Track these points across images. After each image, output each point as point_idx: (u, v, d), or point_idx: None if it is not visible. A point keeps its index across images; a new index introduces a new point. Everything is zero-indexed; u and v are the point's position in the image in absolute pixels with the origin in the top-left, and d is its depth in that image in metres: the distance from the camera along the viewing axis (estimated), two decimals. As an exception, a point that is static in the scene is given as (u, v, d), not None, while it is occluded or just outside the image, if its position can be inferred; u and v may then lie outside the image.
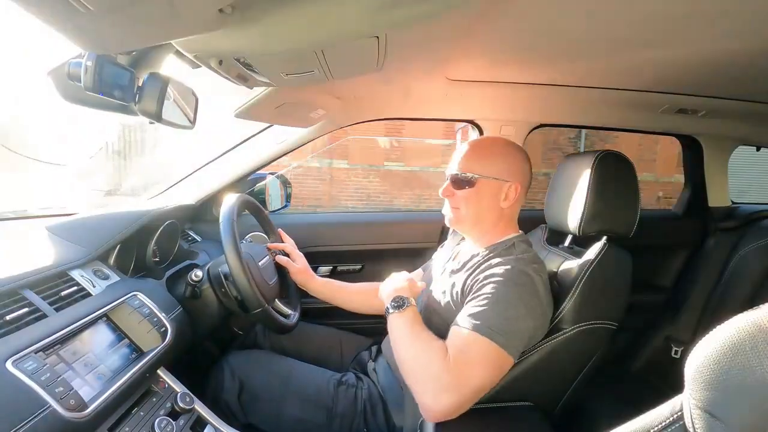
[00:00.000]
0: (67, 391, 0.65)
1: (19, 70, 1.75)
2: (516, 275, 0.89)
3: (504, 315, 0.85)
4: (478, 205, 1.01)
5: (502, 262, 0.93)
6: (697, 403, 0.41)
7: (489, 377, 0.85)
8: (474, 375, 0.83)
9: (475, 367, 0.83)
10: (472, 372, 0.83)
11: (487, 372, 0.84)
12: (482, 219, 1.03)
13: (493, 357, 0.84)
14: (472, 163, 1.02)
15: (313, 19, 0.67)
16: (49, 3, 0.45)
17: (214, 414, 0.94)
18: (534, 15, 0.83)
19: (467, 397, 0.83)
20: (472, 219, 1.03)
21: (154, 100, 0.83)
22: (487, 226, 1.04)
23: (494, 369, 0.85)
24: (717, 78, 1.18)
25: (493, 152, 1.04)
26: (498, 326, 0.84)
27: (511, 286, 0.88)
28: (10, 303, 0.72)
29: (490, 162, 1.02)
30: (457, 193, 1.03)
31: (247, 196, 1.21)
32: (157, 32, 0.61)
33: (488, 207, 1.02)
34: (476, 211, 1.02)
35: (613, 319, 0.97)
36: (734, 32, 0.84)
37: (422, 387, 0.84)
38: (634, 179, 1.05)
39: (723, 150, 1.86)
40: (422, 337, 0.90)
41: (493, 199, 1.01)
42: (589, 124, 1.74)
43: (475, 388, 0.83)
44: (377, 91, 1.45)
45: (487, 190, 1.01)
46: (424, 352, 0.87)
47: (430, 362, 0.84)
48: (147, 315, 0.91)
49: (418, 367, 0.86)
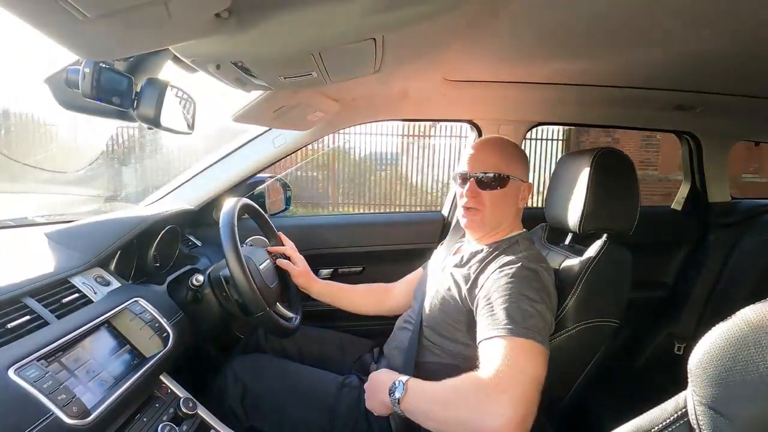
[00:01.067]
0: (69, 399, 0.65)
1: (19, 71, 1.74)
2: (527, 272, 0.89)
3: (526, 311, 0.83)
4: (503, 205, 1.01)
5: (509, 261, 0.93)
6: (701, 399, 0.41)
7: (534, 374, 0.78)
8: (520, 377, 0.76)
9: (518, 369, 0.77)
10: (516, 376, 0.76)
11: (528, 369, 0.78)
12: (504, 220, 1.03)
13: (531, 353, 0.80)
14: (500, 162, 1.01)
15: (310, 23, 0.67)
16: (45, 12, 0.44)
17: (217, 419, 0.94)
18: (529, 15, 0.83)
19: (525, 402, 0.74)
20: (497, 220, 1.02)
21: (153, 106, 0.83)
22: (501, 225, 1.04)
23: (536, 364, 0.79)
24: (714, 74, 1.19)
25: (515, 153, 1.06)
26: (526, 323, 0.81)
27: (523, 284, 0.88)
28: (12, 311, 0.72)
29: (515, 162, 1.03)
30: (482, 194, 1.01)
31: (247, 200, 1.21)
32: (154, 38, 0.61)
33: (509, 207, 1.03)
34: (501, 212, 1.02)
35: (615, 317, 0.97)
36: (731, 29, 0.84)
37: (476, 423, 0.75)
38: (633, 176, 1.06)
39: (722, 146, 1.86)
40: (438, 388, 0.84)
41: (515, 200, 1.03)
42: (587, 123, 1.74)
43: (526, 390, 0.75)
44: (375, 92, 1.45)
45: (513, 191, 1.02)
46: (454, 394, 0.80)
47: (467, 395, 0.78)
48: (148, 321, 0.91)
49: (461, 409, 0.78)
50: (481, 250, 1.02)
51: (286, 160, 1.69)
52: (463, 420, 0.77)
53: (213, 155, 1.54)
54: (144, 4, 0.47)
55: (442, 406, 0.81)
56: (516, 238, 1.03)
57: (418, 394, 0.85)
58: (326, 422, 1.03)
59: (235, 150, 1.52)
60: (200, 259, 1.31)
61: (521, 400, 0.74)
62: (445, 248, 1.23)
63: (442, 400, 0.82)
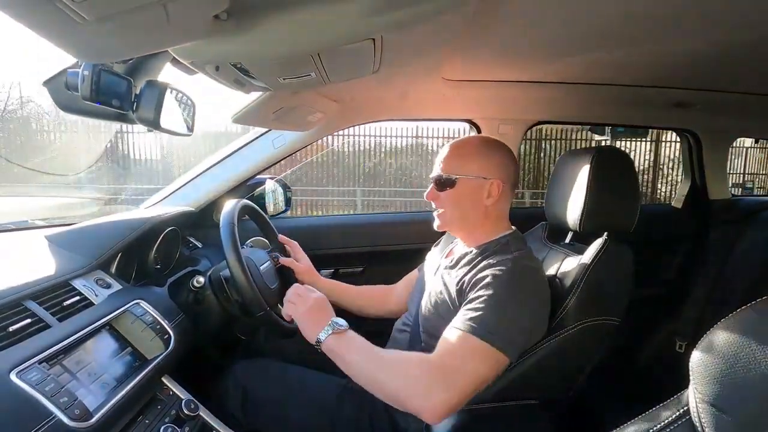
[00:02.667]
0: (71, 401, 0.65)
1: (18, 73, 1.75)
2: (512, 275, 0.89)
3: (500, 316, 0.85)
4: (461, 204, 1.02)
5: (498, 262, 0.92)
6: (703, 397, 0.41)
7: (480, 375, 0.82)
8: (464, 372, 0.81)
9: (466, 365, 0.81)
10: (462, 369, 0.81)
11: (477, 369, 0.82)
12: (467, 218, 1.04)
13: (485, 356, 0.83)
14: (451, 163, 1.03)
15: (308, 23, 0.67)
16: (44, 15, 0.45)
17: (219, 420, 0.94)
18: (528, 14, 0.83)
19: (459, 394, 0.80)
20: (457, 219, 1.04)
21: (152, 108, 0.83)
22: (474, 224, 1.04)
23: (486, 368, 0.83)
24: (714, 71, 1.19)
25: (471, 151, 1.04)
26: (494, 328, 0.83)
27: (507, 287, 0.88)
28: (13, 314, 0.72)
29: (469, 161, 1.03)
30: (440, 195, 1.04)
31: (247, 201, 1.21)
32: (153, 40, 0.61)
33: (472, 206, 1.02)
34: (461, 212, 1.03)
35: (616, 315, 0.97)
36: (729, 24, 0.84)
37: (408, 392, 0.81)
38: (633, 174, 1.06)
39: (722, 143, 1.86)
40: (381, 350, 0.88)
41: (476, 198, 1.02)
42: (586, 121, 1.74)
43: (465, 384, 0.81)
44: (374, 93, 1.45)
45: (467, 189, 1.01)
46: (396, 360, 0.86)
47: (408, 367, 0.83)
48: (150, 323, 0.91)
49: (396, 376, 0.83)
50: (470, 252, 1.02)
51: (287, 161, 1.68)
52: (394, 388, 0.83)
53: (213, 157, 1.54)
54: (142, 7, 0.47)
55: (376, 367, 0.85)
56: (506, 238, 1.02)
57: (356, 342, 0.88)
58: (328, 426, 1.03)
59: (235, 151, 1.52)
60: (201, 261, 1.31)
61: (455, 394, 0.79)
62: (439, 250, 1.23)
63: (381, 359, 0.86)
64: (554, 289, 0.99)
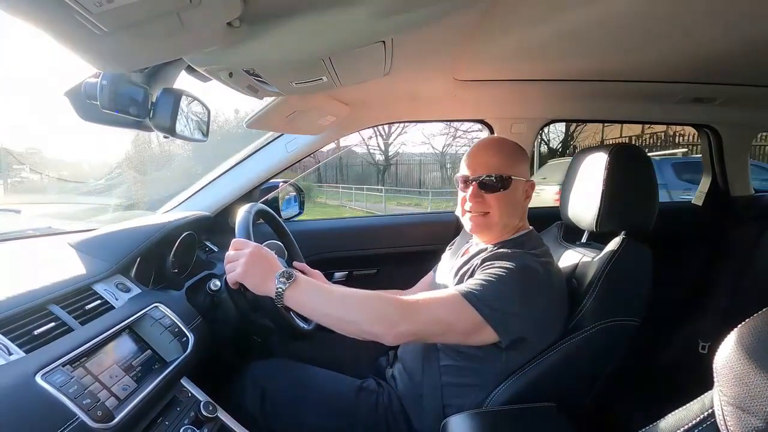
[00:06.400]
0: (94, 403, 0.66)
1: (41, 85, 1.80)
2: (521, 267, 0.88)
3: (496, 292, 0.85)
4: (511, 206, 1.00)
5: (510, 254, 0.92)
6: (728, 399, 0.40)
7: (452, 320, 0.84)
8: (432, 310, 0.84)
9: (438, 308, 0.85)
10: (430, 308, 0.84)
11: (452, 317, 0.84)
12: (511, 220, 1.02)
13: (468, 318, 0.84)
14: (502, 164, 1.00)
15: (320, 28, 0.68)
16: (65, 26, 0.46)
17: (237, 422, 0.95)
18: (541, 12, 0.82)
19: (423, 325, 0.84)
20: (504, 221, 1.01)
21: (168, 115, 0.85)
22: (510, 227, 1.04)
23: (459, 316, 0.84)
24: (732, 64, 1.15)
25: (516, 152, 1.04)
26: (486, 298, 0.84)
27: (512, 274, 0.87)
28: (38, 318, 0.74)
29: (517, 162, 1.02)
30: (486, 197, 1.00)
31: (262, 205, 1.23)
32: (168, 48, 0.62)
33: (517, 207, 1.02)
34: (509, 213, 1.01)
35: (635, 316, 0.95)
36: (749, 16, 0.82)
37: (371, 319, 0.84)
38: (650, 171, 1.03)
39: (743, 138, 1.81)
40: (340, 288, 0.90)
41: (521, 199, 1.03)
42: (602, 118, 1.71)
43: (431, 318, 0.84)
44: (386, 94, 1.45)
45: (518, 191, 1.01)
46: (356, 296, 0.87)
47: (369, 299, 0.86)
48: (168, 326, 0.92)
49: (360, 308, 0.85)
50: (485, 249, 1.01)
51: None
52: (362, 321, 0.85)
53: (228, 162, 1.56)
54: (157, 16, 0.48)
55: (341, 304, 0.86)
56: (523, 237, 1.01)
57: (313, 286, 0.87)
58: (345, 426, 1.03)
59: (249, 156, 1.54)
60: (217, 265, 1.33)
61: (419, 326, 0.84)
62: (453, 251, 1.22)
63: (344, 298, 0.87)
64: (571, 291, 0.98)
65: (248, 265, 0.87)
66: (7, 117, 7.84)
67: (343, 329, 0.86)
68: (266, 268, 0.87)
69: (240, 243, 0.92)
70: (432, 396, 0.99)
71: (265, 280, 0.86)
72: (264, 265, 0.88)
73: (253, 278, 0.86)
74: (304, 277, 0.88)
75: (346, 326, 0.86)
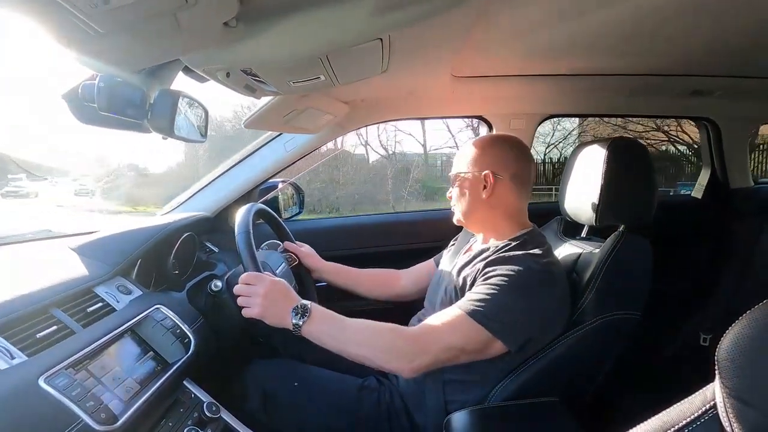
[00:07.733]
0: (97, 405, 0.66)
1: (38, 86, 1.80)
2: (523, 271, 0.89)
3: (500, 304, 0.87)
4: (465, 199, 1.07)
5: (512, 258, 0.92)
6: (730, 391, 0.40)
7: (458, 342, 0.87)
8: (443, 338, 0.87)
9: (448, 335, 0.87)
10: (440, 336, 0.87)
11: (458, 340, 0.87)
12: (471, 214, 1.08)
13: (477, 338, 0.86)
14: (459, 162, 1.09)
15: (316, 26, 0.68)
16: (61, 27, 0.46)
17: (240, 422, 0.95)
18: (539, 6, 0.82)
19: (437, 356, 0.87)
20: (464, 215, 1.09)
21: (166, 116, 0.84)
22: (483, 220, 1.07)
23: (474, 345, 0.87)
24: (731, 56, 1.15)
25: (468, 150, 1.09)
26: (492, 313, 0.86)
27: (516, 281, 0.88)
28: (40, 321, 0.74)
29: (465, 158, 1.08)
30: (451, 192, 1.12)
31: (261, 205, 1.23)
32: (165, 49, 0.62)
33: (472, 201, 1.06)
34: (464, 207, 1.08)
35: (636, 309, 0.95)
36: (747, 8, 0.82)
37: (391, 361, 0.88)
38: (649, 165, 1.03)
39: (742, 130, 1.81)
40: (352, 322, 0.92)
41: (474, 193, 1.05)
42: (601, 113, 1.72)
43: (443, 347, 0.87)
44: (384, 92, 1.45)
45: (465, 185, 1.06)
46: (369, 331, 0.91)
47: (381, 335, 0.90)
48: (170, 327, 0.92)
49: (374, 345, 0.89)
50: (487, 249, 1.02)
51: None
52: (372, 353, 0.89)
53: (227, 162, 1.56)
54: (153, 16, 0.48)
55: (357, 340, 0.90)
56: (524, 237, 1.01)
57: (327, 322, 0.92)
58: (347, 424, 1.04)
59: (248, 156, 1.54)
60: (218, 265, 1.33)
61: (432, 360, 0.87)
62: (457, 247, 1.23)
63: (356, 335, 0.91)
64: (571, 285, 0.98)
65: (265, 303, 0.93)
66: (7, 117, 7.79)
67: (361, 363, 0.91)
68: (282, 306, 0.93)
69: (252, 278, 0.97)
70: (434, 392, 1.00)
71: (283, 318, 0.92)
72: (280, 302, 0.93)
73: (272, 318, 0.93)
74: (318, 310, 0.93)
75: (363, 361, 0.90)
